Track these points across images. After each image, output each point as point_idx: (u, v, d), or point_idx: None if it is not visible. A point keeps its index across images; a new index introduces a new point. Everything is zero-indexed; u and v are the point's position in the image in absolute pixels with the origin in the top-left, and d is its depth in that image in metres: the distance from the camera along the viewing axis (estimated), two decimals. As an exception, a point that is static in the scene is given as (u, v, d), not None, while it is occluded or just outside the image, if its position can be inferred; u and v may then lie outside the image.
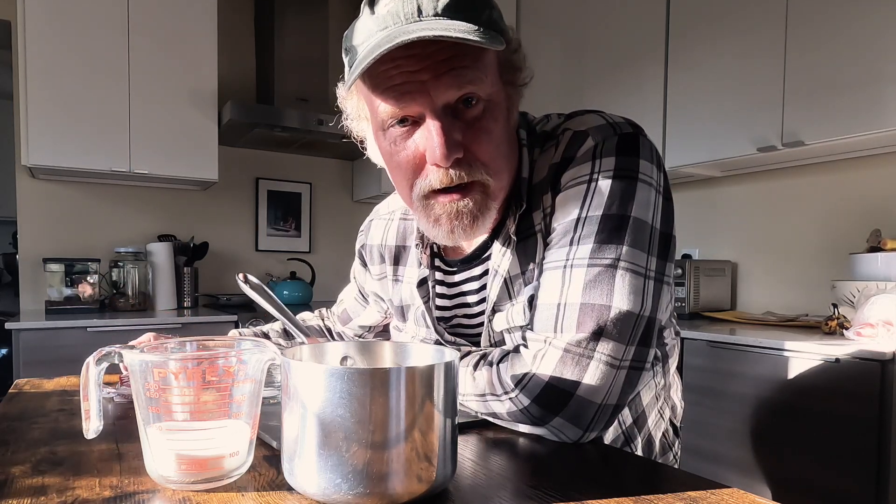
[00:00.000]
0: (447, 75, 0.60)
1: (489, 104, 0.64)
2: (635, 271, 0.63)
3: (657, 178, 0.67)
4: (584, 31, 2.68)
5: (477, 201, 0.65)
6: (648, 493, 0.47)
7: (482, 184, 0.65)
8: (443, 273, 0.81)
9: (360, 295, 1.03)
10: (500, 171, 0.67)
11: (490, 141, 0.64)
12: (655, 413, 0.80)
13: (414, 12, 0.58)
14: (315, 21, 2.94)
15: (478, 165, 0.64)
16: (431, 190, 0.64)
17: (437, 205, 0.65)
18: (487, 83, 0.62)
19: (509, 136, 0.68)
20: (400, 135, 0.64)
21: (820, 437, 1.59)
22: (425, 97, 0.60)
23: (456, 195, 0.64)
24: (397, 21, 0.59)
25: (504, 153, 0.67)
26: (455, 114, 0.62)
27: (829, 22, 1.83)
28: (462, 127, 0.62)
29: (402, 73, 0.60)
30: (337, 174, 3.36)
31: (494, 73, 0.64)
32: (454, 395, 0.47)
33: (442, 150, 0.60)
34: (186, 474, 0.47)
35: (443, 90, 0.60)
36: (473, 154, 0.63)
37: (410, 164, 0.65)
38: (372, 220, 0.96)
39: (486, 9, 0.61)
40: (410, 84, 0.60)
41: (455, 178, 0.63)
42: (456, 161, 0.62)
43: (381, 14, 0.60)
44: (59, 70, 2.33)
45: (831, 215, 2.15)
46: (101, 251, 2.70)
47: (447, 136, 0.60)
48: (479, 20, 0.59)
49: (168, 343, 0.55)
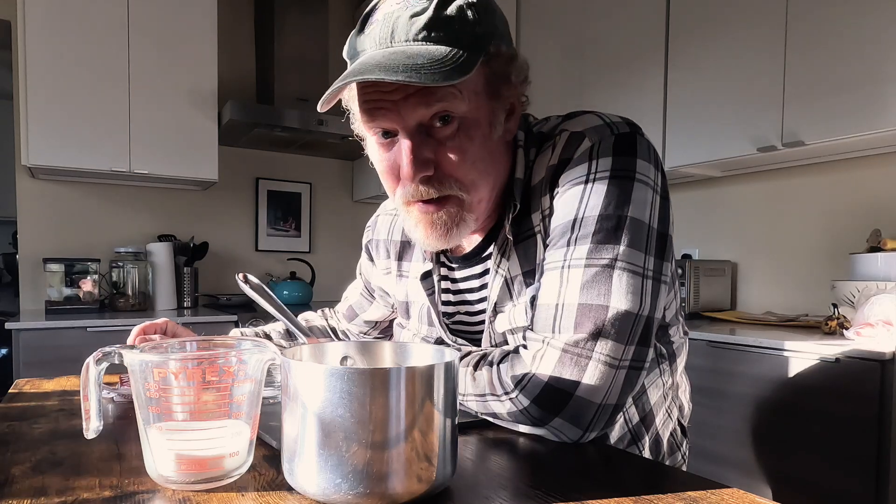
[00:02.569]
0: (415, 95, 0.61)
1: (465, 121, 0.64)
2: (633, 271, 0.63)
3: (654, 177, 0.67)
4: (584, 31, 2.68)
5: (451, 213, 0.67)
6: (648, 493, 0.47)
7: (457, 197, 0.66)
8: (447, 269, 0.82)
9: (367, 290, 1.04)
10: (476, 186, 0.67)
11: (463, 159, 0.65)
12: (663, 412, 0.80)
13: (387, 37, 0.61)
14: (315, 21, 2.94)
15: (449, 182, 0.65)
16: (407, 200, 0.67)
17: (415, 211, 0.68)
18: (463, 101, 0.63)
19: (490, 149, 0.68)
20: (382, 144, 0.67)
21: (820, 437, 1.59)
22: (396, 115, 0.63)
23: (431, 206, 0.67)
24: (373, 45, 0.62)
25: (480, 168, 0.67)
26: (429, 131, 0.64)
27: (829, 21, 1.83)
28: (434, 144, 0.64)
29: (377, 90, 0.62)
30: (337, 174, 3.36)
31: (476, 88, 0.65)
32: (454, 395, 0.47)
33: (407, 170, 0.63)
34: (186, 474, 0.47)
35: (411, 110, 0.62)
36: (444, 171, 0.65)
37: (391, 174, 0.68)
38: (379, 215, 0.98)
39: (470, 26, 0.61)
40: (383, 102, 0.63)
41: (425, 193, 0.65)
42: (426, 178, 0.64)
43: (365, 34, 0.63)
44: (59, 70, 2.33)
45: (831, 215, 2.15)
46: (101, 251, 2.70)
47: (415, 155, 0.63)
48: (457, 41, 0.60)
49: (168, 343, 0.55)
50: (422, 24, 0.60)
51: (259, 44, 3.03)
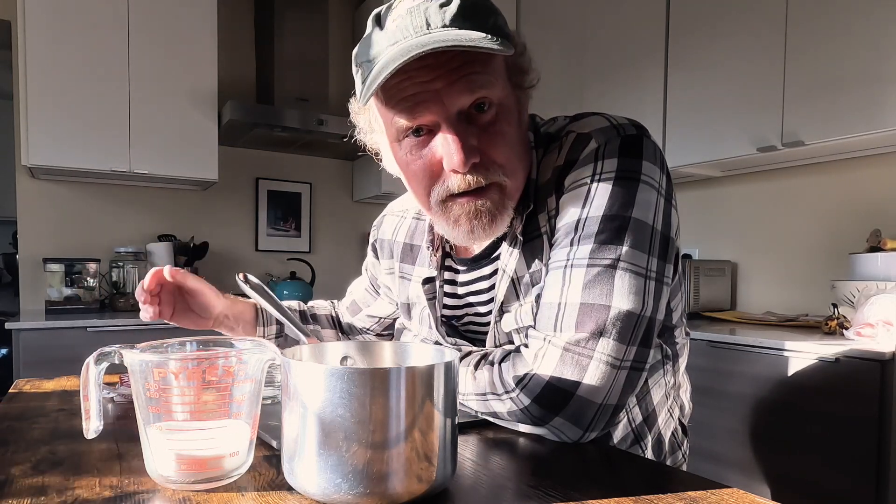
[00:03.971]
0: (459, 82, 0.61)
1: (501, 108, 0.65)
2: (635, 272, 0.63)
3: (659, 179, 0.67)
4: (584, 31, 2.68)
5: (494, 201, 0.67)
6: (648, 492, 0.47)
7: (499, 185, 0.67)
8: (453, 272, 0.82)
9: (372, 286, 1.05)
10: (516, 172, 0.68)
11: (505, 143, 0.66)
12: (665, 412, 0.80)
13: (423, 25, 0.60)
14: (315, 21, 2.94)
15: (494, 168, 0.65)
16: (450, 194, 0.66)
17: (456, 206, 0.67)
18: (498, 87, 0.64)
19: (522, 137, 0.70)
20: (415, 144, 0.66)
21: (820, 437, 1.59)
22: (439, 105, 0.62)
23: (474, 196, 0.66)
24: (407, 35, 0.60)
25: (518, 154, 0.69)
26: (469, 119, 0.64)
27: (829, 22, 1.83)
28: (477, 132, 0.64)
29: (415, 83, 0.62)
30: (337, 174, 3.36)
31: (504, 77, 0.66)
32: (454, 395, 0.47)
33: (459, 157, 0.62)
34: (186, 474, 0.47)
35: (456, 97, 0.62)
36: (490, 157, 0.65)
37: (427, 172, 0.67)
38: (385, 215, 0.98)
39: (492, 15, 0.63)
40: (424, 94, 0.62)
41: (473, 182, 0.65)
42: (473, 166, 0.64)
43: (390, 29, 0.62)
44: (59, 70, 2.33)
45: (831, 215, 2.15)
46: (101, 251, 2.69)
47: (464, 142, 0.62)
48: (486, 27, 0.60)
49: (168, 343, 0.55)
50: (454, 12, 0.60)
51: (259, 44, 3.03)
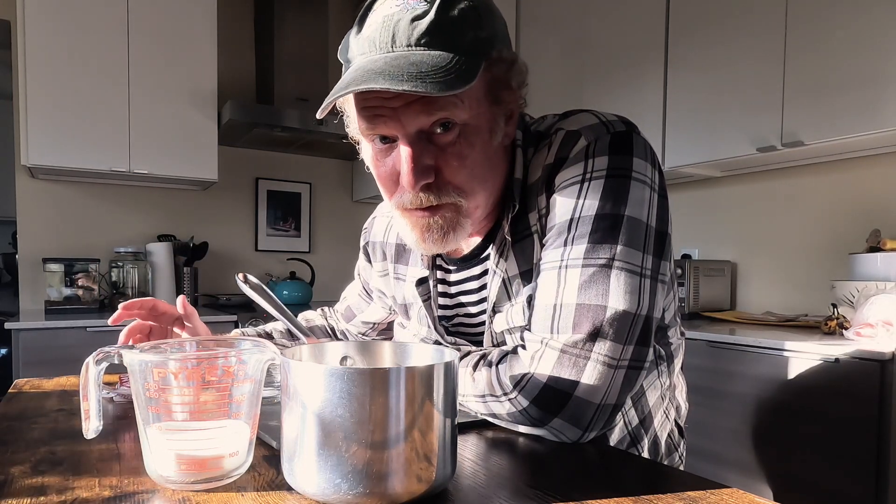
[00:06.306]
0: (417, 103, 0.60)
1: (466, 128, 0.63)
2: (631, 270, 0.63)
3: (651, 175, 0.66)
4: (584, 31, 2.68)
5: (447, 219, 0.66)
6: (648, 493, 0.47)
7: (454, 204, 0.66)
8: (443, 272, 0.82)
9: (364, 291, 1.04)
10: (475, 192, 0.67)
11: (463, 166, 0.64)
12: (661, 413, 0.80)
13: (388, 42, 0.59)
14: (315, 21, 2.94)
15: (449, 189, 0.65)
16: (404, 207, 0.66)
17: (411, 217, 0.67)
18: (464, 108, 0.62)
19: (489, 155, 0.67)
20: (380, 150, 0.66)
21: (820, 437, 1.59)
22: (396, 122, 0.61)
23: (426, 212, 0.66)
24: (373, 49, 0.60)
25: (479, 175, 0.67)
26: (429, 138, 0.63)
27: (828, 22, 1.83)
28: (435, 151, 0.63)
29: (376, 97, 0.61)
30: (337, 174, 3.36)
31: (478, 95, 0.64)
32: (454, 395, 0.47)
33: (409, 178, 0.62)
34: (186, 474, 0.47)
35: (412, 117, 0.61)
36: (445, 178, 0.64)
37: (389, 179, 0.67)
38: (375, 217, 0.97)
39: (473, 29, 0.61)
40: (384, 109, 0.61)
41: (424, 200, 0.64)
42: (426, 185, 0.63)
43: (364, 35, 0.62)
44: (59, 70, 2.33)
45: (831, 215, 2.15)
46: (100, 251, 2.70)
47: (416, 163, 0.62)
48: (459, 46, 0.59)
49: (168, 343, 0.55)
50: (423, 29, 0.58)
51: (259, 44, 3.03)
